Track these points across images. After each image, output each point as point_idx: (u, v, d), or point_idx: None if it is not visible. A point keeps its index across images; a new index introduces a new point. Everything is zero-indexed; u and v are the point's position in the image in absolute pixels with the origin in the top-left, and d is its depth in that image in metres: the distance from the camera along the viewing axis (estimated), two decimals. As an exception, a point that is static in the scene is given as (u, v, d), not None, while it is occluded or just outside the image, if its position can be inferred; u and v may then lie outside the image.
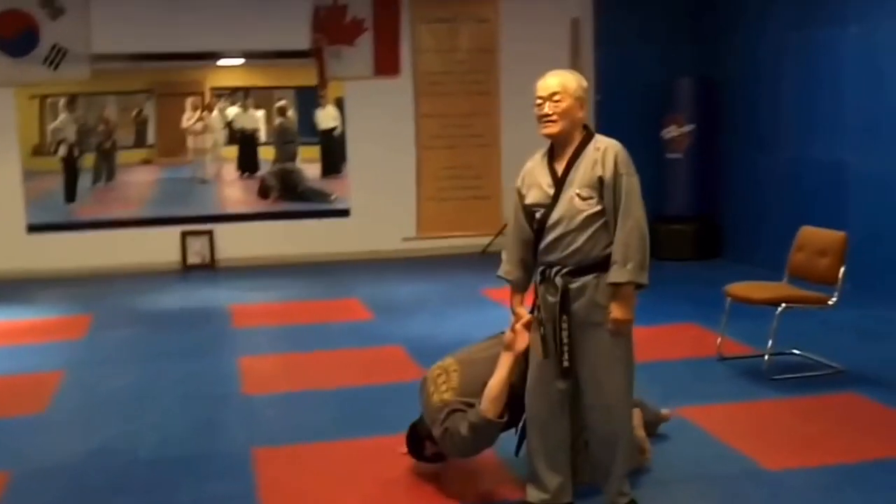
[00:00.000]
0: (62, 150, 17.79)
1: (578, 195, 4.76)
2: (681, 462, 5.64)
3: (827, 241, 7.77)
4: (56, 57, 12.19)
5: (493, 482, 5.64)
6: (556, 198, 4.82)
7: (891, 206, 9.52)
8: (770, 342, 7.58)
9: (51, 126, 19.95)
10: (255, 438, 6.49)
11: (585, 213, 4.76)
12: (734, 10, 12.52)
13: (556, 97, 4.79)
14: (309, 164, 19.89)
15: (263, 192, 20.31)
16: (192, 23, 12.54)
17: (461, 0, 13.25)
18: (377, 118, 13.19)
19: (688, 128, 12.56)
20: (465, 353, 5.60)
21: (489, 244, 13.39)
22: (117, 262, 12.67)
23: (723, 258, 12.34)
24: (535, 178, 4.93)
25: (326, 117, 21.50)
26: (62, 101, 19.13)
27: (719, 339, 8.07)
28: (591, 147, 4.83)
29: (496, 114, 13.44)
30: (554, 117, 4.79)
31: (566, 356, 4.84)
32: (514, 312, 5.08)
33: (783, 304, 7.56)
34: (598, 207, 4.76)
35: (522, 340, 5.03)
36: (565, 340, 4.83)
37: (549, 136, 4.85)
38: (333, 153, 20.63)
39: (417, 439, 5.63)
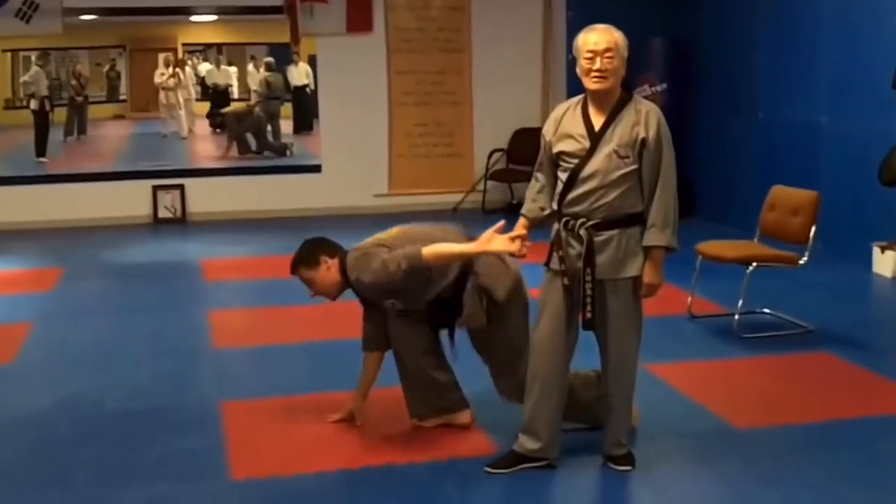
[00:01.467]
0: (33, 104, 17.67)
1: (616, 153, 4.79)
2: (651, 419, 5.64)
3: (799, 201, 7.76)
4: (28, 10, 12.02)
5: (465, 438, 5.64)
6: (591, 151, 4.83)
7: (863, 166, 9.52)
8: (741, 301, 7.59)
9: (22, 79, 19.82)
10: (225, 392, 6.49)
11: (621, 171, 4.79)
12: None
13: (609, 54, 4.84)
14: (283, 121, 19.93)
15: (220, 126, 20.50)
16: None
17: (434, -43, 13.17)
18: (349, 75, 13.09)
19: (660, 87, 12.52)
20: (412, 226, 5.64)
21: (460, 202, 13.40)
22: (88, 216, 12.57)
23: (695, 216, 12.31)
24: (567, 129, 4.93)
25: (299, 74, 21.45)
26: (34, 55, 19.00)
27: (690, 298, 8.07)
28: (631, 107, 4.88)
29: (468, 71, 13.38)
30: (606, 73, 4.82)
31: (589, 308, 4.86)
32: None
33: (754, 263, 7.58)
34: (634, 167, 4.81)
35: (500, 243, 4.97)
36: (589, 292, 4.85)
37: (598, 91, 4.85)
38: (306, 110, 20.61)
39: (316, 248, 5.76)
